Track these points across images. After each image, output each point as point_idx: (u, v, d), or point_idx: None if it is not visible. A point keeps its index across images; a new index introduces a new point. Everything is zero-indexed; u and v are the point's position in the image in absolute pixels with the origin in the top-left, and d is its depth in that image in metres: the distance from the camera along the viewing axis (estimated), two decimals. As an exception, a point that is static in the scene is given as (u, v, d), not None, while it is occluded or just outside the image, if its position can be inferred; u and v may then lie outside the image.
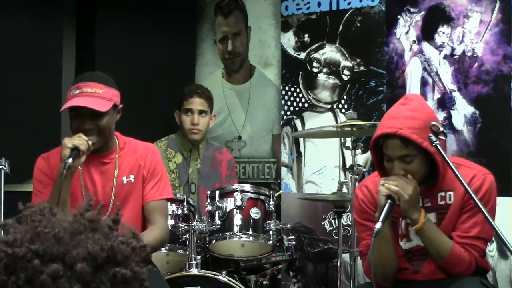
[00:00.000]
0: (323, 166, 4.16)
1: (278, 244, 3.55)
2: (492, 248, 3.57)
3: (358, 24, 4.10)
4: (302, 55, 4.29)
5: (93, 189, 2.81)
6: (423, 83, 3.86)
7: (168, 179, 3.01)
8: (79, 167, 2.78)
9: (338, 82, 4.16)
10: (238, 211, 3.46)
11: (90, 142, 2.67)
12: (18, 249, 1.07)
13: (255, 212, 3.49)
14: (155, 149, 3.00)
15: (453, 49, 3.77)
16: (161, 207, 2.92)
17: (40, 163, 2.84)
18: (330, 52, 4.20)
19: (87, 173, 2.83)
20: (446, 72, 3.79)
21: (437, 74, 3.82)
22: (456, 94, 3.75)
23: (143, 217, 2.90)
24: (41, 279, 1.04)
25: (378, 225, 2.39)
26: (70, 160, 2.59)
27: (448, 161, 2.41)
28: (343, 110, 4.12)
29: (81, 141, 2.64)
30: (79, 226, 1.10)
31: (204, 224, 3.37)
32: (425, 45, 3.86)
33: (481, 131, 3.67)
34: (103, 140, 2.79)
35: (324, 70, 4.21)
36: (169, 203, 3.26)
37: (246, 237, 3.45)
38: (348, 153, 3.51)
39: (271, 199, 3.55)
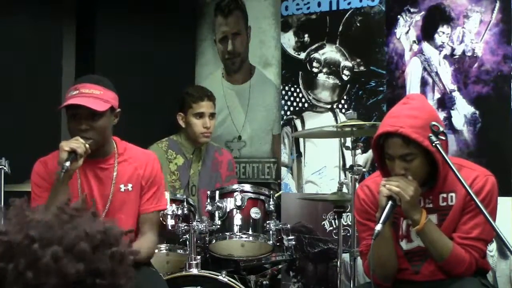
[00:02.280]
0: (323, 166, 4.16)
1: (278, 244, 3.55)
2: (492, 248, 3.57)
3: (358, 24, 4.09)
4: (302, 55, 4.29)
5: (90, 194, 2.80)
6: (423, 83, 3.86)
7: (164, 189, 3.01)
8: (77, 171, 2.77)
9: (338, 82, 4.16)
10: (238, 211, 3.46)
11: (87, 145, 2.65)
12: (13, 236, 1.06)
13: (255, 212, 3.48)
14: (155, 158, 2.97)
15: (453, 49, 3.77)
16: (154, 219, 2.93)
17: (38, 167, 2.83)
18: (330, 52, 4.19)
19: (84, 178, 2.81)
20: (446, 72, 3.79)
21: (437, 74, 3.81)
22: (456, 94, 3.75)
23: (137, 226, 2.89)
24: (44, 261, 1.04)
25: (378, 227, 2.39)
26: (67, 163, 2.58)
27: (449, 161, 2.41)
28: (343, 110, 4.12)
29: (78, 144, 2.63)
30: (65, 216, 1.12)
31: (204, 224, 3.36)
32: (425, 45, 3.86)
33: (481, 131, 3.67)
34: (99, 143, 2.76)
35: (324, 70, 4.21)
36: (169, 203, 3.27)
37: (246, 237, 3.45)
38: (348, 153, 3.50)
39: (271, 199, 3.55)
